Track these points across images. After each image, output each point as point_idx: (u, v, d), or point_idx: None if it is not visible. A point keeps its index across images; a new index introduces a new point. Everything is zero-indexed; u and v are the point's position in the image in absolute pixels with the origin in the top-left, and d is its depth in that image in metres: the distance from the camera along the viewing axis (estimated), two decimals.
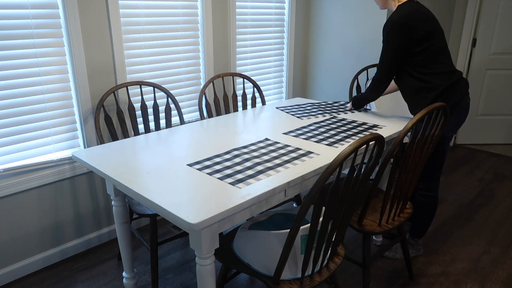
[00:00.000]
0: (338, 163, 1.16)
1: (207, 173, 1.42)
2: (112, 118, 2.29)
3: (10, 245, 2.04)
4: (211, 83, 2.69)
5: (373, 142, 1.39)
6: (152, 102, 2.44)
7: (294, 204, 2.77)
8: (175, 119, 2.59)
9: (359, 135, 1.86)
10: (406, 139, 2.39)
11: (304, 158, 1.56)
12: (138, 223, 2.57)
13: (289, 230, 1.26)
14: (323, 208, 1.39)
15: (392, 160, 1.78)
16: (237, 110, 2.67)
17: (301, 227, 1.33)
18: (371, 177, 2.69)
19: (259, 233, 1.41)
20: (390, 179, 1.63)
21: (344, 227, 1.42)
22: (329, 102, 2.52)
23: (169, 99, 2.47)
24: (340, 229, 1.41)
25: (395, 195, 1.70)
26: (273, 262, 1.38)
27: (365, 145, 1.25)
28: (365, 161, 2.19)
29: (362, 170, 1.32)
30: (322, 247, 1.33)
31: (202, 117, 2.42)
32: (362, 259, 1.79)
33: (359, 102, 2.24)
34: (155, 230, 1.83)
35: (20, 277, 2.10)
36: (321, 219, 1.30)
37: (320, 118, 2.15)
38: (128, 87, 2.30)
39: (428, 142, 1.64)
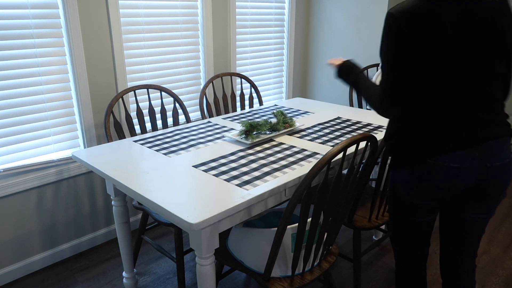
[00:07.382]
0: (325, 161, 1.15)
1: (208, 173, 1.42)
2: (120, 123, 2.28)
3: (10, 245, 2.04)
4: (211, 83, 2.69)
5: (365, 141, 1.39)
6: (160, 107, 2.44)
7: None
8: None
9: None
10: None
11: (310, 159, 1.55)
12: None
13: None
14: (311, 206, 1.39)
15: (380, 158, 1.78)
16: (236, 110, 2.67)
17: (292, 226, 1.33)
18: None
19: (251, 231, 1.42)
20: (379, 177, 1.65)
21: (335, 227, 1.42)
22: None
23: (177, 103, 2.45)
24: (332, 229, 1.41)
25: (384, 192, 1.73)
26: (264, 259, 1.39)
27: (355, 145, 1.25)
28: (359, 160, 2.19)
29: (354, 169, 1.32)
30: (312, 246, 1.33)
31: (203, 117, 2.42)
32: (353, 255, 1.82)
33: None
34: (180, 240, 1.73)
35: (20, 277, 2.10)
36: (309, 219, 1.30)
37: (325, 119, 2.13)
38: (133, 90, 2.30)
39: None
